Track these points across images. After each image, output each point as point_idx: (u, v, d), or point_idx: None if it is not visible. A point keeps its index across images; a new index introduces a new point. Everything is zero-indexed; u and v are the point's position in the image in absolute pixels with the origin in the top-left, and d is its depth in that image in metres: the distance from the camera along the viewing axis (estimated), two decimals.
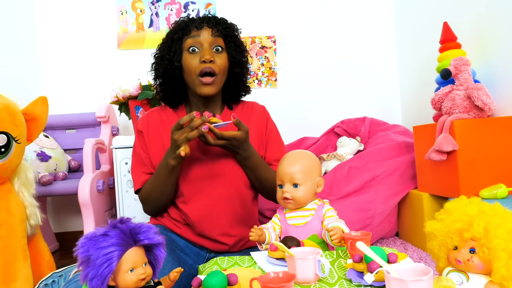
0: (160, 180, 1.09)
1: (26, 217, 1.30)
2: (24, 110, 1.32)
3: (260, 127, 1.20)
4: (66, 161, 2.07)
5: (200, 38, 1.09)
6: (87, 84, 2.42)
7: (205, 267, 0.86)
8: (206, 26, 1.10)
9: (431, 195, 1.67)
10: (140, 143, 1.18)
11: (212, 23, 1.11)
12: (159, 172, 1.09)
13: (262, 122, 1.21)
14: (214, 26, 1.11)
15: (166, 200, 1.14)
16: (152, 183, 1.12)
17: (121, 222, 0.69)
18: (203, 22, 1.11)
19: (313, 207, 0.93)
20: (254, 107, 1.25)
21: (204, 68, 1.07)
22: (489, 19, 1.64)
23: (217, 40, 1.11)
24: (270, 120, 1.25)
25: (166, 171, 1.06)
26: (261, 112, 1.24)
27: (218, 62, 1.10)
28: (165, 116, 1.20)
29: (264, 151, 1.20)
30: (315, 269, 0.66)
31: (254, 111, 1.23)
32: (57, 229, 2.37)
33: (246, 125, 1.07)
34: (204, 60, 1.06)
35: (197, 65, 1.08)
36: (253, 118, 1.21)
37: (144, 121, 1.20)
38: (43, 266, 1.38)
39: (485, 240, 0.64)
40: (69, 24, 2.43)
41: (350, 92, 2.55)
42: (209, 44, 1.09)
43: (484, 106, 1.39)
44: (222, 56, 1.11)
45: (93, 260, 0.64)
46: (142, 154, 1.17)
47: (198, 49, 1.09)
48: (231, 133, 1.02)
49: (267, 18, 2.52)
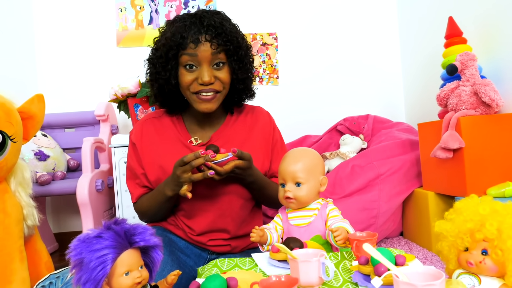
0: (156, 203, 1.07)
1: (23, 217, 1.29)
2: (20, 109, 1.31)
3: (266, 137, 1.14)
4: (65, 161, 2.05)
5: (198, 56, 0.98)
6: (86, 82, 2.39)
7: (204, 269, 0.83)
8: (205, 40, 0.98)
9: (437, 194, 1.64)
10: (132, 155, 1.13)
11: (211, 35, 0.98)
12: (156, 196, 1.06)
13: (268, 131, 1.15)
14: (214, 39, 0.98)
15: (162, 216, 1.13)
16: (148, 203, 1.10)
17: (115, 223, 0.67)
18: (200, 35, 0.98)
19: (316, 207, 0.91)
20: (259, 114, 1.17)
21: (202, 90, 1.00)
22: (495, 13, 1.61)
23: (217, 56, 1.00)
24: (276, 130, 1.18)
25: (162, 199, 1.04)
26: (267, 121, 1.17)
27: (219, 77, 1.01)
28: (160, 125, 1.13)
29: (269, 162, 1.14)
30: (319, 272, 0.63)
31: (260, 119, 1.16)
32: (57, 230, 2.35)
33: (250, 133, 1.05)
34: (203, 83, 0.99)
35: (193, 83, 1.01)
36: (258, 126, 1.14)
37: (137, 133, 1.13)
38: (41, 267, 1.37)
39: (499, 241, 0.61)
40: (67, 21, 2.40)
41: (353, 89, 2.52)
42: (209, 62, 1.00)
43: (491, 102, 1.36)
44: (223, 71, 1.02)
45: (86, 263, 0.62)
46: (135, 166, 1.12)
47: (195, 66, 1.00)
48: (232, 164, 0.97)
49: (268, 14, 2.48)
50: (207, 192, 1.06)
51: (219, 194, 1.06)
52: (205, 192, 1.06)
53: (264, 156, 1.12)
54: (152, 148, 1.11)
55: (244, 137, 1.12)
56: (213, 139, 1.10)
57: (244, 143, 1.11)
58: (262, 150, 1.12)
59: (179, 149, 1.09)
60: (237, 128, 1.14)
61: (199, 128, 1.13)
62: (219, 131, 1.12)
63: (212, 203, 1.07)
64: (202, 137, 1.12)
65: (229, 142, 1.10)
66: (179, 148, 1.10)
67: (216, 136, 1.11)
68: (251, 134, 1.13)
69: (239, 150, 0.96)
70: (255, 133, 1.13)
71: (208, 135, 1.12)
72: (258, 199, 1.14)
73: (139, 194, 1.13)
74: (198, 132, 1.13)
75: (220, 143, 1.09)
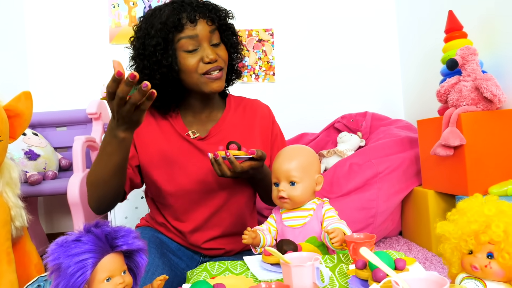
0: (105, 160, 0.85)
1: (11, 218, 1.25)
2: (6, 106, 1.28)
3: (264, 130, 1.12)
4: (57, 160, 2.01)
5: (198, 36, 0.97)
6: (78, 80, 2.36)
7: (194, 273, 0.79)
8: (201, 18, 0.97)
9: (437, 193, 1.61)
10: None
11: (205, 12, 0.98)
12: (103, 149, 0.85)
13: (267, 125, 1.13)
14: (209, 16, 0.99)
15: (114, 196, 0.95)
16: (95, 165, 0.89)
17: (96, 226, 0.63)
18: (195, 13, 0.97)
19: (311, 207, 0.87)
20: (258, 107, 1.15)
21: (210, 68, 0.98)
22: (496, 6, 1.57)
23: (214, 35, 1.00)
24: (275, 124, 1.16)
25: (112, 147, 0.83)
26: (266, 114, 1.14)
27: (220, 55, 1.01)
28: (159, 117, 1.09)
29: (269, 156, 1.12)
30: (314, 278, 0.59)
31: (258, 112, 1.14)
32: (49, 230, 2.32)
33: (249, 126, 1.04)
34: (210, 61, 0.97)
35: (199, 65, 0.98)
36: (257, 119, 1.12)
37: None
38: (30, 269, 1.34)
39: (505, 244, 0.57)
40: (59, 18, 2.36)
41: (351, 86, 2.49)
42: (208, 41, 0.99)
43: (493, 97, 1.32)
44: (222, 48, 1.02)
45: (64, 268, 0.58)
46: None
47: (196, 48, 0.98)
48: (248, 163, 0.92)
49: (264, 10, 2.45)
50: (202, 187, 1.02)
51: (215, 190, 1.03)
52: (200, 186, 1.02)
53: (263, 149, 1.09)
54: (150, 137, 1.05)
55: (243, 131, 1.09)
56: (211, 133, 1.07)
57: (243, 136, 1.08)
58: (261, 143, 1.10)
59: (177, 143, 1.05)
60: (236, 121, 1.11)
61: (197, 121, 1.09)
62: (218, 124, 1.09)
63: (207, 198, 1.03)
64: (199, 130, 1.08)
65: (228, 136, 1.07)
66: (177, 142, 1.05)
67: (215, 130, 1.08)
68: (250, 128, 1.10)
69: (258, 150, 0.92)
70: (254, 126, 1.11)
71: (207, 129, 1.08)
72: (260, 193, 1.11)
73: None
74: (195, 125, 1.09)
75: (219, 137, 1.06)
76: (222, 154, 0.89)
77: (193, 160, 1.04)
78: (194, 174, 1.02)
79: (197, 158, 1.04)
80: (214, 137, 1.07)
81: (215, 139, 1.06)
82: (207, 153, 0.98)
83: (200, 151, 1.05)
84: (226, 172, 0.91)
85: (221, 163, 0.90)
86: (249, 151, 0.90)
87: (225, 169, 0.91)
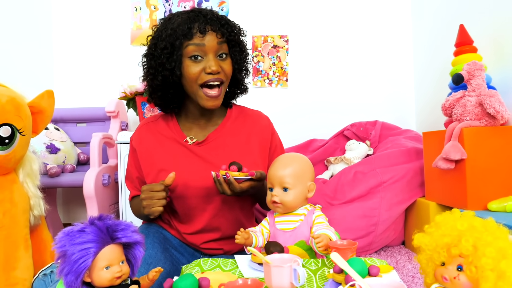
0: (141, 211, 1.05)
1: (30, 207, 1.32)
2: (30, 103, 1.34)
3: (263, 141, 1.14)
4: (75, 154, 2.11)
5: (205, 46, 0.99)
6: (99, 79, 2.45)
7: (187, 267, 0.85)
8: (211, 30, 1.00)
9: (438, 205, 1.61)
10: (131, 159, 1.16)
11: (217, 26, 1.01)
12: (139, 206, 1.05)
13: (266, 136, 1.14)
14: (219, 30, 1.01)
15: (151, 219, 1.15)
16: (135, 207, 1.15)
17: (99, 219, 0.70)
18: (207, 25, 1.00)
19: (302, 212, 0.91)
20: (258, 118, 1.17)
21: (210, 79, 1.00)
22: (508, 21, 1.56)
23: (222, 47, 1.02)
24: (275, 135, 1.18)
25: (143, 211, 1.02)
26: (266, 125, 1.16)
27: (224, 68, 1.03)
28: (155, 129, 1.14)
29: (266, 166, 1.13)
30: (291, 278, 0.64)
31: (258, 123, 1.16)
32: (66, 220, 2.42)
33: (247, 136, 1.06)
34: (211, 72, 0.99)
35: (200, 74, 1.01)
36: (256, 129, 1.14)
37: (136, 138, 1.15)
38: (46, 256, 1.40)
39: (473, 258, 0.60)
40: (84, 20, 2.47)
41: (363, 95, 2.49)
42: (214, 52, 1.01)
43: (496, 114, 1.33)
44: (227, 62, 1.04)
45: (68, 255, 0.65)
46: (131, 170, 1.15)
47: (201, 57, 1.01)
48: (248, 184, 0.97)
49: (280, 17, 2.49)
50: (200, 192, 1.06)
51: (214, 195, 1.06)
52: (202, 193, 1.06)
53: (261, 160, 1.12)
54: (151, 152, 1.11)
55: (241, 139, 1.12)
56: (209, 138, 1.10)
57: (241, 144, 1.11)
58: (259, 153, 1.12)
59: (175, 149, 1.10)
60: (235, 129, 1.13)
61: (196, 127, 1.13)
62: (217, 130, 1.12)
63: (207, 203, 1.07)
64: (197, 135, 1.12)
65: (226, 142, 1.10)
66: (175, 148, 1.10)
67: (213, 135, 1.11)
68: (249, 137, 1.12)
69: (257, 171, 0.97)
70: (253, 135, 1.13)
71: (205, 134, 1.12)
72: (260, 202, 1.15)
73: (133, 194, 1.17)
74: (194, 131, 1.13)
75: (217, 143, 1.10)
76: (223, 173, 0.94)
77: (190, 167, 1.07)
78: (192, 180, 1.06)
79: (195, 164, 1.07)
80: (211, 143, 1.10)
81: (212, 145, 1.10)
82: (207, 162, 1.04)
83: (198, 157, 1.08)
84: (227, 191, 0.96)
85: (222, 182, 0.95)
86: (249, 172, 0.95)
87: (226, 188, 0.96)
